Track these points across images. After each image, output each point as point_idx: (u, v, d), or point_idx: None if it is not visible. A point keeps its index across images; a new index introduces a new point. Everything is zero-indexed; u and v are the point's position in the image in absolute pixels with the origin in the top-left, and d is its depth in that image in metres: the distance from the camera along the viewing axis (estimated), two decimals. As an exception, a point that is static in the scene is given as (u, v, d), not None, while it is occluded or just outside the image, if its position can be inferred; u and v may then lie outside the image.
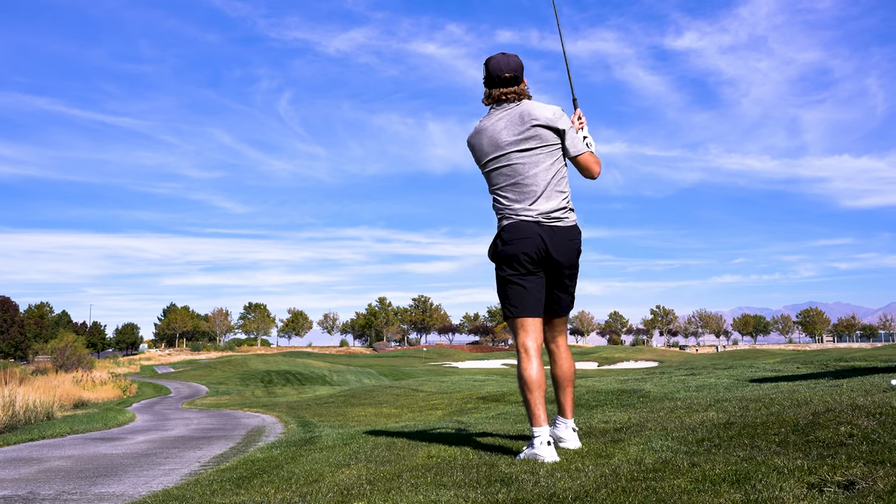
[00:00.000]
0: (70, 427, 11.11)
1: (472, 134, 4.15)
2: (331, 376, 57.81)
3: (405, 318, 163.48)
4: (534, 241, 3.86)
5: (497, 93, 4.04)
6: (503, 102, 4.04)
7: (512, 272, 3.90)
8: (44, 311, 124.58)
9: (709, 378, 9.15)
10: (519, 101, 4.03)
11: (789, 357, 69.48)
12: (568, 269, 3.98)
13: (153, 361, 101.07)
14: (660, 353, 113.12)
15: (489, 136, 4.01)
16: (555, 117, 3.95)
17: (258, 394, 33.68)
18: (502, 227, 3.98)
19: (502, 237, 3.95)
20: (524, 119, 3.93)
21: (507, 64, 4.03)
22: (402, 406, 14.24)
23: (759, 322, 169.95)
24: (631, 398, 7.64)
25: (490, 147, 4.01)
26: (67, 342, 61.18)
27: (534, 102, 4.03)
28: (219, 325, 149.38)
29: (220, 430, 10.96)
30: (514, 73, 4.02)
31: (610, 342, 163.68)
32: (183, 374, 67.86)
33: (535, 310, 3.92)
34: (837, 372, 8.13)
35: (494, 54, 4.11)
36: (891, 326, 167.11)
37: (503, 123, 3.98)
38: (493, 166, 4.01)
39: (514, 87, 4.03)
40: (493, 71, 4.03)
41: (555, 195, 3.93)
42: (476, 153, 4.13)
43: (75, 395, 33.46)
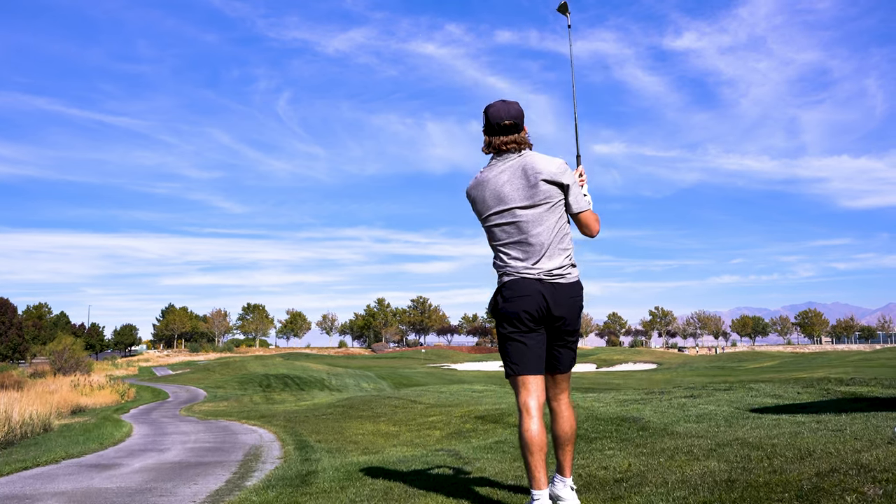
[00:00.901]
0: (65, 450, 11.01)
1: (472, 185, 4.05)
2: (329, 380, 57.74)
3: (404, 320, 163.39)
4: (535, 299, 3.78)
5: (498, 142, 3.94)
6: (504, 152, 3.94)
7: (513, 330, 3.83)
8: (42, 312, 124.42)
9: (708, 405, 9.08)
10: (520, 151, 3.93)
11: (788, 359, 69.11)
12: (570, 326, 3.91)
13: (151, 363, 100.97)
14: (658, 355, 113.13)
15: (491, 189, 3.92)
16: (559, 171, 3.85)
17: (256, 400, 33.58)
18: (503, 283, 3.89)
19: (503, 294, 3.86)
20: (528, 173, 3.84)
21: (507, 111, 3.93)
22: (399, 422, 14.16)
23: (758, 323, 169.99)
24: (630, 430, 7.58)
25: (493, 201, 3.91)
26: (66, 345, 61.21)
27: (537, 154, 3.92)
28: (217, 325, 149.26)
29: (217, 452, 10.88)
30: (515, 121, 3.92)
31: (609, 343, 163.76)
32: (181, 377, 67.76)
33: (537, 367, 3.85)
34: (839, 402, 8.06)
35: (494, 102, 4.00)
36: (889, 328, 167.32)
37: (506, 176, 3.89)
38: (496, 221, 3.92)
39: (514, 136, 3.93)
40: (493, 119, 3.93)
41: (558, 253, 3.85)
42: (477, 206, 4.02)
43: (73, 402, 33.45)
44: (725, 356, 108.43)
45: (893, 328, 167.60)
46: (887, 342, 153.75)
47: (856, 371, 51.55)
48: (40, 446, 13.57)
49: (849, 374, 46.30)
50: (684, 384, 47.38)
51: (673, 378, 61.68)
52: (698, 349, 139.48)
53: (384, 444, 10.39)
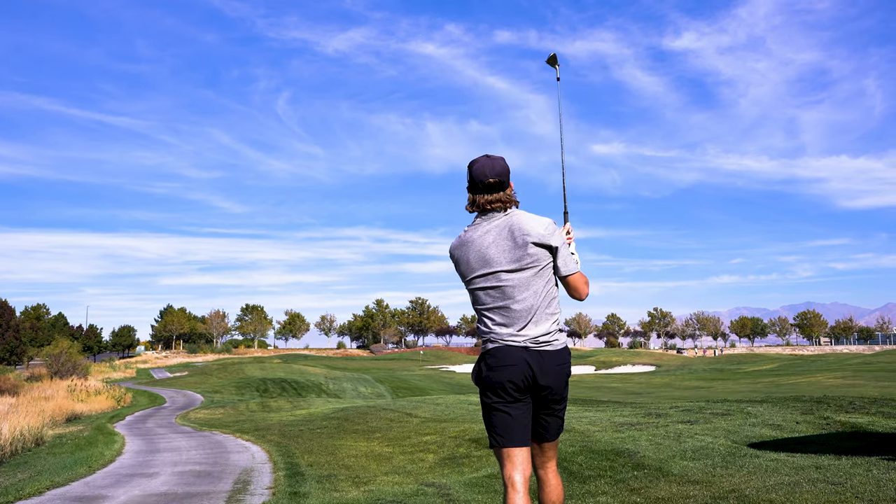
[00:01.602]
0: (50, 478, 10.81)
1: (456, 244, 3.84)
2: (327, 384, 57.57)
3: (402, 321, 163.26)
4: (520, 369, 3.58)
5: (482, 200, 3.73)
6: (489, 211, 3.74)
7: (497, 400, 3.63)
8: (40, 313, 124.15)
9: (705, 435, 8.91)
10: (506, 209, 3.74)
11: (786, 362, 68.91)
12: (556, 394, 3.71)
13: (149, 364, 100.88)
14: (657, 357, 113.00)
15: (476, 250, 3.71)
16: (547, 233, 3.64)
17: (252, 407, 33.42)
18: (487, 350, 3.69)
19: (487, 362, 3.66)
20: (515, 234, 3.63)
21: (491, 168, 3.71)
22: (394, 441, 13.99)
23: (757, 324, 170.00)
24: (625, 467, 7.40)
25: (477, 263, 3.71)
26: (62, 348, 60.99)
27: (524, 214, 3.71)
28: (216, 326, 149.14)
29: (206, 479, 10.70)
30: (500, 178, 3.71)
31: (607, 344, 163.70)
32: (179, 380, 67.55)
33: (522, 439, 3.66)
34: (839, 437, 7.88)
35: (478, 157, 3.79)
36: (888, 328, 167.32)
37: (491, 238, 3.68)
38: (480, 285, 3.72)
39: (499, 195, 3.72)
40: (477, 176, 3.72)
41: (545, 318, 3.65)
42: (461, 268, 3.82)
43: (68, 409, 33.27)
44: (724, 358, 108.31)
45: (892, 329, 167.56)
46: (886, 343, 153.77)
47: (855, 375, 51.41)
48: (29, 467, 13.39)
49: (848, 380, 46.19)
50: (682, 387, 47.27)
51: (672, 381, 61.55)
52: (697, 350, 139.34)
53: (376, 471, 10.22)
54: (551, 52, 4.65)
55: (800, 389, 39.60)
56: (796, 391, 37.55)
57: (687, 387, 51.87)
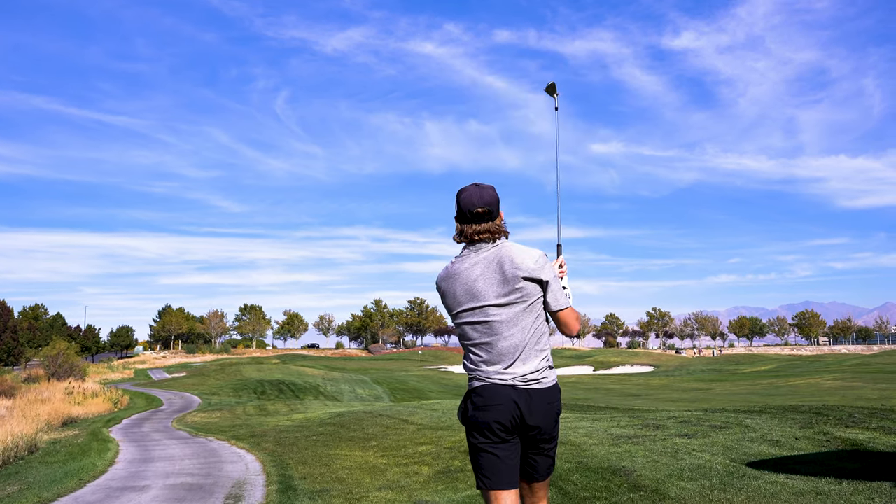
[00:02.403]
0: (38, 494, 10.67)
1: (442, 276, 3.69)
2: (325, 386, 57.48)
3: (401, 320, 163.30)
4: (508, 408, 3.44)
5: (470, 231, 3.58)
6: (477, 242, 3.59)
7: (484, 440, 3.49)
8: (38, 313, 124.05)
9: (702, 451, 8.78)
10: (495, 240, 3.59)
11: (785, 362, 68.98)
12: (546, 434, 3.56)
13: (148, 365, 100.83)
14: (655, 358, 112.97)
15: (463, 283, 3.57)
16: (537, 267, 3.49)
17: (249, 411, 33.31)
18: (473, 388, 3.55)
19: (473, 401, 3.52)
20: (504, 267, 3.48)
21: (479, 197, 3.56)
22: (389, 450, 13.88)
23: (755, 324, 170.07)
24: (621, 489, 7.28)
25: (464, 296, 3.56)
26: (60, 349, 60.84)
27: (513, 246, 3.56)
28: (214, 327, 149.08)
29: (197, 493, 10.58)
30: (489, 208, 3.55)
31: (606, 345, 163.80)
32: (176, 381, 67.46)
33: (510, 481, 3.52)
34: (839, 456, 7.76)
35: (467, 186, 3.64)
36: (886, 328, 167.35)
37: (479, 270, 3.53)
38: (467, 319, 3.57)
39: (488, 225, 3.57)
40: (465, 206, 3.57)
41: (534, 356, 3.51)
42: (447, 301, 3.68)
43: (64, 413, 33.11)
44: (723, 358, 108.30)
45: (891, 329, 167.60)
46: (885, 343, 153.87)
47: (853, 377, 51.39)
48: (19, 479, 13.25)
49: (847, 381, 46.15)
50: (681, 389, 47.25)
51: (670, 383, 61.52)
52: (696, 350, 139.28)
53: (369, 486, 10.09)
54: (550, 81, 4.51)
55: (798, 391, 39.56)
56: (795, 394, 37.52)
57: (685, 388, 51.86)
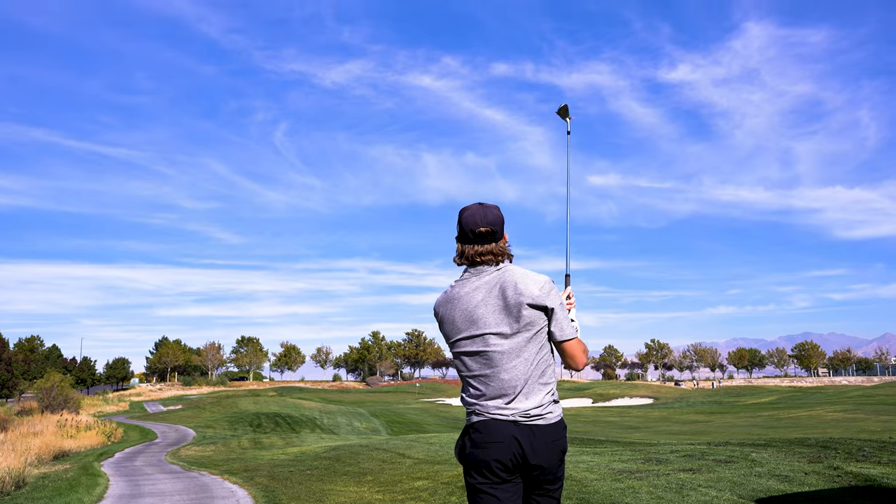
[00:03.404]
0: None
1: (441, 301, 3.39)
2: (321, 419, 56.85)
3: (398, 353, 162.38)
4: (509, 447, 3.13)
5: (472, 252, 3.29)
6: (478, 264, 3.30)
7: (483, 480, 3.16)
8: (34, 345, 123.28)
9: (708, 487, 8.47)
10: (498, 264, 3.30)
11: (786, 394, 68.27)
12: (550, 474, 3.23)
13: (143, 397, 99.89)
14: (654, 390, 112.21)
15: (463, 309, 3.27)
16: (542, 294, 3.18)
17: (244, 444, 32.81)
18: (472, 423, 3.24)
19: (472, 437, 3.21)
20: (507, 293, 3.19)
21: (482, 217, 3.28)
22: (385, 486, 13.52)
23: (755, 356, 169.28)
24: (625, 527, 6.97)
25: (463, 323, 3.27)
26: (54, 382, 60.22)
27: (517, 270, 3.27)
28: (211, 359, 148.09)
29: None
30: (492, 228, 3.27)
31: (605, 377, 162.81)
32: (172, 414, 66.79)
33: None
34: (852, 492, 7.45)
35: (470, 205, 3.37)
36: (886, 360, 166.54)
37: (480, 296, 3.24)
38: (466, 349, 3.27)
39: (491, 246, 3.28)
40: (466, 225, 3.29)
41: (537, 390, 3.21)
42: (445, 328, 3.37)
43: (55, 446, 32.58)
44: (723, 390, 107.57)
45: (891, 360, 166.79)
46: (885, 374, 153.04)
47: (855, 408, 50.87)
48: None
49: (849, 413, 45.65)
50: (681, 422, 46.71)
51: (670, 415, 60.91)
52: (696, 382, 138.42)
53: (364, 523, 9.75)
54: (563, 104, 4.28)
55: (801, 424, 39.09)
56: (797, 426, 37.06)
57: (685, 421, 51.30)
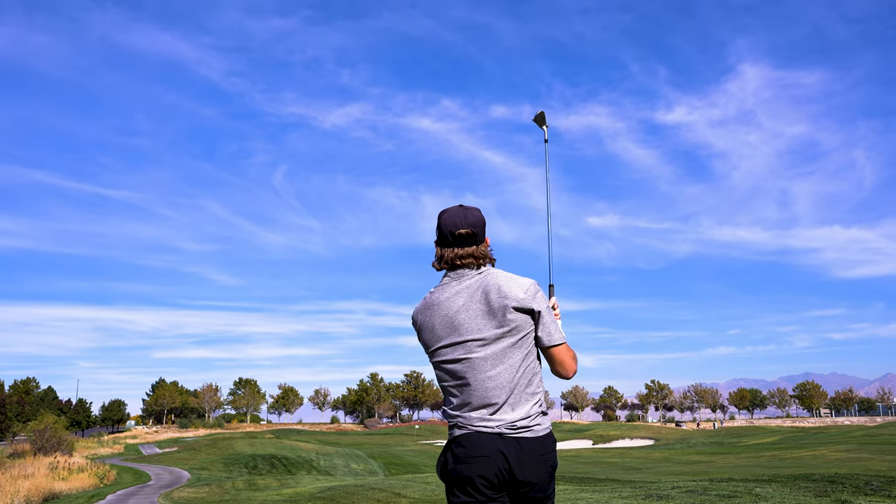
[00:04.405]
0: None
1: (420, 308, 3.14)
2: (318, 461, 56.08)
3: (397, 394, 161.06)
4: (494, 462, 2.86)
5: (451, 255, 3.07)
6: (459, 268, 3.07)
7: (466, 499, 2.89)
8: (30, 387, 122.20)
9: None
10: (479, 268, 3.07)
11: (788, 434, 67.50)
12: (539, 491, 2.94)
13: (139, 440, 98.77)
14: (655, 431, 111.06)
15: (443, 314, 3.02)
16: (528, 296, 2.95)
17: (238, 486, 32.25)
18: (454, 437, 2.97)
19: (454, 452, 2.94)
20: (490, 297, 2.95)
21: (463, 218, 3.07)
22: (379, 525, 13.15)
23: (756, 396, 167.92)
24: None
25: (444, 330, 3.01)
26: (47, 424, 59.60)
27: (501, 273, 3.04)
28: (208, 401, 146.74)
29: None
30: (473, 230, 3.06)
31: (605, 418, 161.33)
32: (167, 456, 65.95)
33: None
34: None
35: (450, 207, 3.15)
36: (889, 399, 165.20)
37: (461, 300, 3.00)
38: (447, 356, 3.01)
39: (471, 249, 3.06)
40: (446, 227, 3.08)
41: (524, 400, 2.95)
42: (424, 335, 3.11)
43: (46, 488, 32.06)
44: (724, 431, 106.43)
45: (893, 400, 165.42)
46: (888, 414, 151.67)
47: (859, 448, 50.17)
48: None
49: (852, 453, 44.99)
50: (682, 462, 45.97)
51: (671, 456, 60.08)
52: (697, 423, 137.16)
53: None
54: (539, 111, 4.12)
55: (804, 464, 38.47)
56: (801, 466, 36.45)
57: (687, 461, 50.56)
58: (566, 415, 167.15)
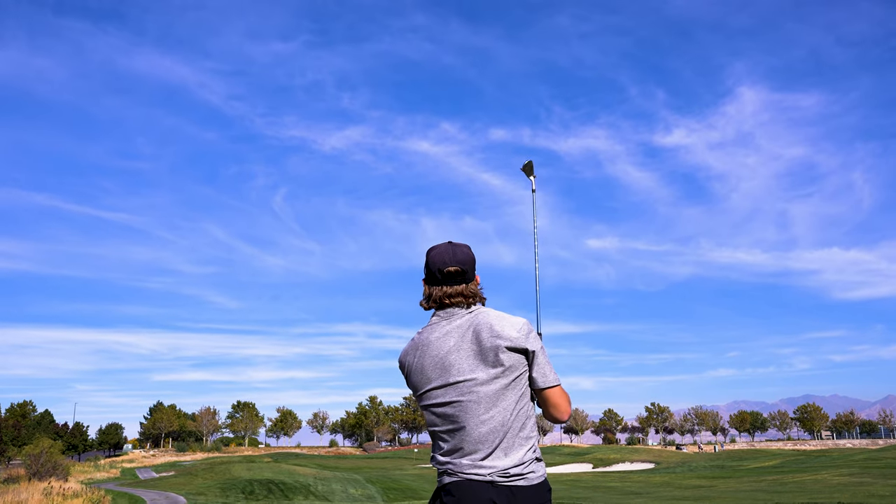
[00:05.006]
0: None
1: (407, 350, 3.02)
2: (315, 486, 55.56)
3: (396, 418, 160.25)
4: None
5: (439, 293, 2.96)
6: (448, 307, 2.95)
7: None
8: (26, 410, 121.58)
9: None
10: (469, 306, 2.95)
11: (789, 458, 67.05)
12: None
13: (136, 464, 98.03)
14: (656, 454, 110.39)
15: (433, 356, 2.89)
16: (521, 335, 2.83)
17: (234, 511, 31.91)
18: (443, 485, 2.83)
19: (444, 501, 2.79)
20: (482, 337, 2.82)
21: (451, 256, 2.96)
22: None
23: (756, 419, 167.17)
24: None
25: (434, 371, 2.89)
26: (43, 448, 59.10)
27: (492, 312, 2.92)
28: (206, 424, 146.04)
29: None
30: (462, 268, 2.94)
31: (605, 441, 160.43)
32: (164, 480, 65.37)
33: None
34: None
35: (438, 244, 3.04)
36: (890, 422, 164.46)
37: (452, 341, 2.87)
38: (436, 400, 2.88)
39: (461, 287, 2.95)
40: (434, 264, 2.97)
41: (517, 445, 2.81)
42: (413, 378, 2.98)
43: (39, 514, 31.74)
44: (725, 454, 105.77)
45: (895, 422, 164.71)
46: (889, 437, 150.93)
47: (862, 472, 49.80)
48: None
49: (855, 477, 44.62)
50: (683, 487, 45.55)
51: (672, 480, 59.62)
52: (698, 446, 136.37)
53: None
54: (527, 160, 4.10)
55: (806, 489, 38.12)
56: (802, 490, 36.13)
57: (688, 486, 50.14)
58: (566, 437, 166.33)
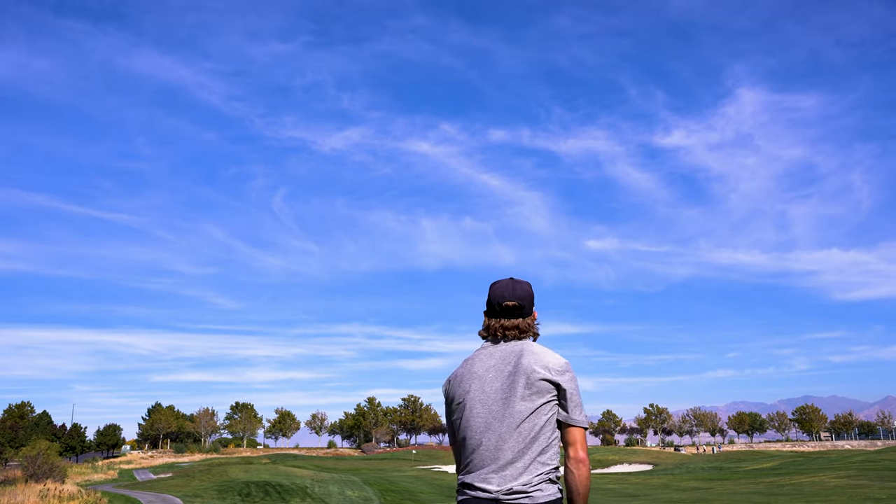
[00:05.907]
0: None
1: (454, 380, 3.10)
2: (312, 487, 55.52)
3: (394, 419, 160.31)
4: None
5: (497, 325, 3.07)
6: (500, 339, 3.06)
7: None
8: (24, 411, 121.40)
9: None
10: (520, 338, 3.05)
11: (788, 459, 66.95)
12: None
13: (134, 465, 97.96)
14: (654, 456, 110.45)
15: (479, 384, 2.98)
16: (560, 370, 2.91)
17: (230, 514, 31.84)
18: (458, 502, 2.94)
19: None
20: (521, 363, 2.91)
21: (511, 291, 3.07)
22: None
23: (755, 420, 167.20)
24: None
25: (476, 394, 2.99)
26: (40, 449, 59.01)
27: (536, 346, 3.01)
28: (204, 425, 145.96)
29: None
30: (520, 303, 3.06)
31: (603, 442, 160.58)
32: (161, 482, 65.31)
33: None
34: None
35: (501, 279, 3.17)
36: (889, 423, 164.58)
37: (493, 362, 2.99)
38: (462, 413, 3.06)
39: (517, 321, 3.05)
40: (494, 298, 3.09)
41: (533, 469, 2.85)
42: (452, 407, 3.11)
43: (35, 517, 31.67)
44: (723, 455, 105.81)
45: (893, 423, 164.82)
46: (888, 438, 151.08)
47: (859, 474, 49.74)
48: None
49: (852, 479, 44.57)
50: (681, 488, 45.49)
51: (670, 482, 59.59)
52: (699, 448, 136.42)
53: None
54: None
55: (804, 491, 38.10)
56: (799, 493, 36.10)
57: (685, 488, 50.12)
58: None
